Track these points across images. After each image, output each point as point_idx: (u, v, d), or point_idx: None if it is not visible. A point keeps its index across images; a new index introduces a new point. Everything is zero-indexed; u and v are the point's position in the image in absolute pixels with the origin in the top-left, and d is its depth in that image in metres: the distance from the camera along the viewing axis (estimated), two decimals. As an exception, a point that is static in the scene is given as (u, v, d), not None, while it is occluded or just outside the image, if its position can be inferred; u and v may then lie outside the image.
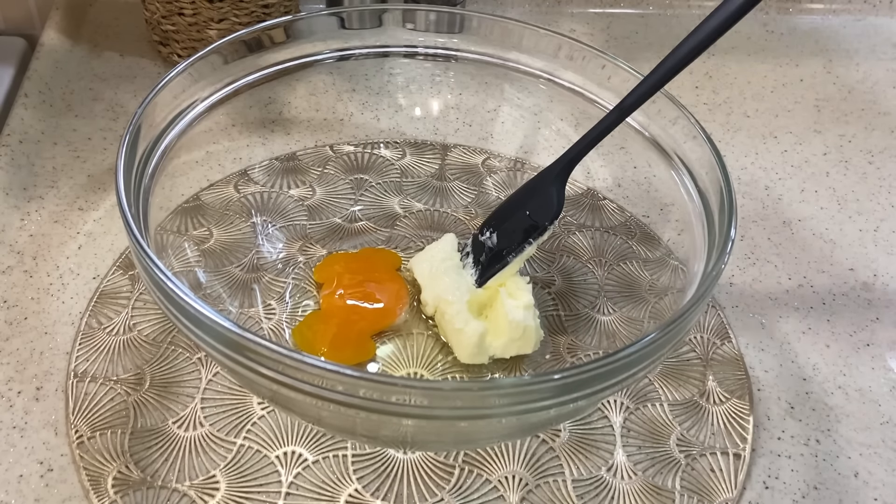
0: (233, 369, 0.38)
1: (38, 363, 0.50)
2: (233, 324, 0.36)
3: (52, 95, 0.70)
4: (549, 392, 0.37)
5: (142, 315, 0.53)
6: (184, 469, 0.46)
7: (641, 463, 0.48)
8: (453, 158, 0.66)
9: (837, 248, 0.63)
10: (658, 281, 0.57)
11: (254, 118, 0.67)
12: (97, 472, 0.45)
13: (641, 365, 0.39)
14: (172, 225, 0.55)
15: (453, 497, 0.46)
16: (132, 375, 0.50)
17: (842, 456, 0.50)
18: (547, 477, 0.47)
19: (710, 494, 0.47)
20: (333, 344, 0.51)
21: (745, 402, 0.52)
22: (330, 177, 0.63)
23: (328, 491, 0.46)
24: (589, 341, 0.54)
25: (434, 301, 0.53)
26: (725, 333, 0.56)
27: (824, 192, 0.68)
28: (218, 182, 0.61)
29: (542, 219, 0.52)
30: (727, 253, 0.42)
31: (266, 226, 0.59)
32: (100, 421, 0.47)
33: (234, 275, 0.55)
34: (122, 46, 0.76)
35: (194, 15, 0.69)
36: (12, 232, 0.58)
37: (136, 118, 0.46)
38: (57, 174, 0.63)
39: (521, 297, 0.51)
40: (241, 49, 0.54)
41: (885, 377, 0.55)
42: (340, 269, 0.55)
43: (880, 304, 0.59)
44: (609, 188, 0.64)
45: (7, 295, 0.54)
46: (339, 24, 0.57)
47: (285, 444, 0.47)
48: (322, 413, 0.41)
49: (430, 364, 0.52)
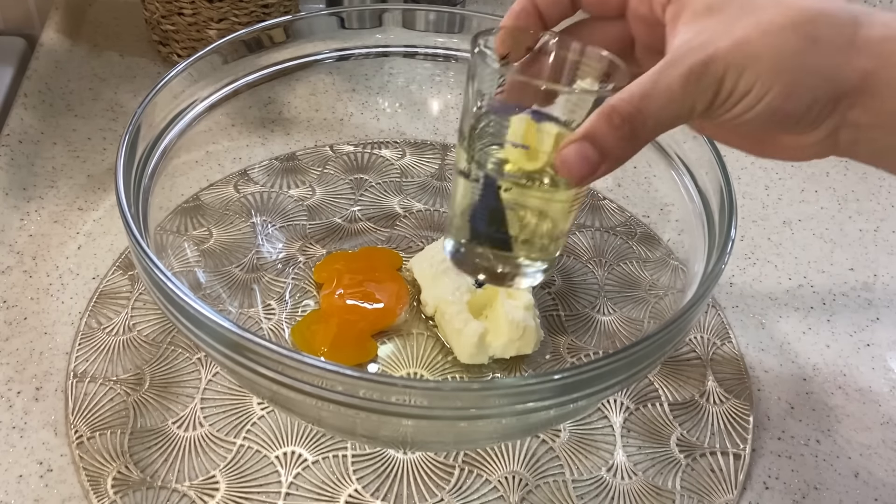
0: (233, 369, 0.38)
1: (38, 363, 0.50)
2: (233, 324, 0.36)
3: (52, 95, 0.70)
4: (549, 392, 0.37)
5: (141, 315, 0.53)
6: (184, 469, 0.46)
7: (641, 463, 0.48)
8: (453, 158, 0.66)
9: (837, 248, 0.63)
10: (658, 281, 0.57)
11: (253, 118, 0.67)
12: (97, 473, 0.45)
13: (641, 365, 0.39)
14: (172, 225, 0.55)
15: (453, 497, 0.46)
16: (132, 376, 0.50)
17: (842, 456, 0.50)
18: (547, 477, 0.47)
19: (711, 495, 0.47)
20: (334, 344, 0.51)
21: (745, 402, 0.52)
22: (330, 177, 0.63)
23: (328, 491, 0.46)
24: (589, 341, 0.54)
25: (434, 301, 0.53)
26: (725, 333, 0.56)
27: (824, 192, 0.68)
28: (218, 182, 0.61)
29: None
30: (727, 253, 0.42)
31: (266, 226, 0.59)
32: (99, 421, 0.47)
33: (233, 275, 0.55)
34: (121, 46, 0.76)
35: (194, 15, 0.69)
36: (12, 232, 0.58)
37: (136, 118, 0.46)
38: (56, 174, 0.63)
39: (520, 297, 0.51)
40: (240, 49, 0.54)
41: (885, 377, 0.54)
42: (340, 269, 0.55)
43: (880, 304, 0.59)
44: (609, 188, 0.64)
45: (7, 295, 0.54)
46: (338, 24, 0.57)
47: (285, 445, 0.47)
48: (322, 413, 0.41)
49: (430, 364, 0.52)
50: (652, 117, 0.31)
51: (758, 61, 0.30)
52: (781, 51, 0.30)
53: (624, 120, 0.32)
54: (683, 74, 0.31)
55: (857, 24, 0.31)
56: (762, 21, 0.30)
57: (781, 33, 0.30)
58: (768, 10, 0.31)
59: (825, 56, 0.30)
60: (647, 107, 0.31)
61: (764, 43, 0.30)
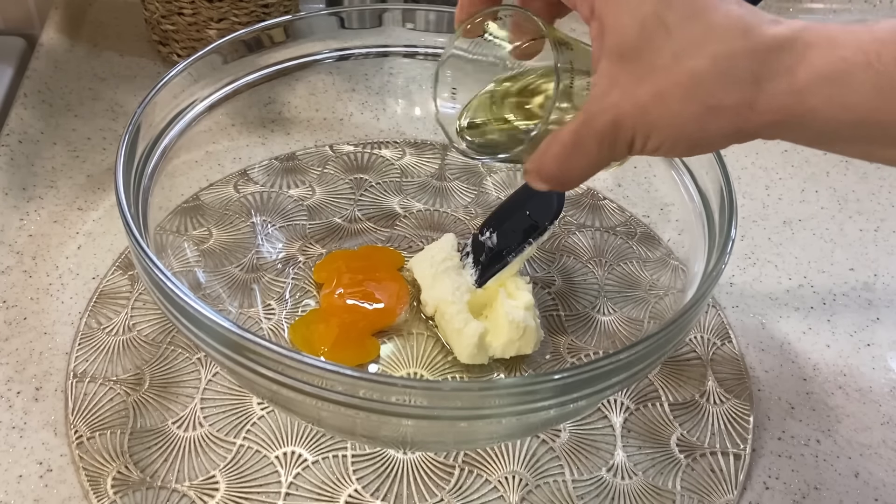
0: (233, 369, 0.38)
1: (38, 363, 0.50)
2: (233, 324, 0.36)
3: (52, 95, 0.70)
4: (549, 392, 0.37)
5: (141, 315, 0.53)
6: (183, 469, 0.46)
7: (642, 463, 0.48)
8: (453, 158, 0.66)
9: (837, 248, 0.63)
10: (658, 281, 0.57)
11: (253, 118, 0.67)
12: (97, 473, 0.45)
13: (641, 365, 0.39)
14: (172, 225, 0.55)
15: (453, 497, 0.46)
16: (132, 376, 0.50)
17: (842, 456, 0.50)
18: (547, 477, 0.47)
19: (711, 495, 0.47)
20: (335, 344, 0.51)
21: (745, 402, 0.52)
22: (330, 177, 0.63)
23: (328, 491, 0.46)
24: (589, 341, 0.54)
25: (434, 301, 0.53)
26: (725, 333, 0.56)
27: (824, 192, 0.68)
28: (217, 182, 0.61)
29: (542, 219, 0.52)
30: (727, 253, 0.42)
31: (266, 226, 0.59)
32: (99, 421, 0.47)
33: (233, 275, 0.55)
34: (121, 46, 0.76)
35: (194, 14, 0.69)
36: (11, 232, 0.58)
37: (136, 118, 0.46)
38: (56, 174, 0.63)
39: (520, 297, 0.51)
40: (240, 49, 0.54)
41: (886, 377, 0.54)
42: (340, 269, 0.55)
43: (880, 304, 0.59)
44: (609, 188, 0.64)
45: (7, 295, 0.54)
46: (338, 23, 0.57)
47: (285, 445, 0.47)
48: (322, 413, 0.41)
49: (430, 364, 0.52)
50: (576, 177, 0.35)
51: (659, 129, 0.32)
52: (679, 120, 0.32)
53: (550, 179, 0.36)
54: (597, 139, 0.33)
55: (758, 81, 0.31)
56: (660, 88, 0.31)
57: (677, 103, 0.31)
58: (668, 73, 0.31)
59: (724, 119, 0.32)
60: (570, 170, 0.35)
61: (662, 113, 0.32)
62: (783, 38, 0.31)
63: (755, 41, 0.31)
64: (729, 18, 0.31)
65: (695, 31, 0.31)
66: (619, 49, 0.32)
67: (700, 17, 0.31)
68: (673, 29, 0.31)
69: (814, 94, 0.30)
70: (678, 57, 0.31)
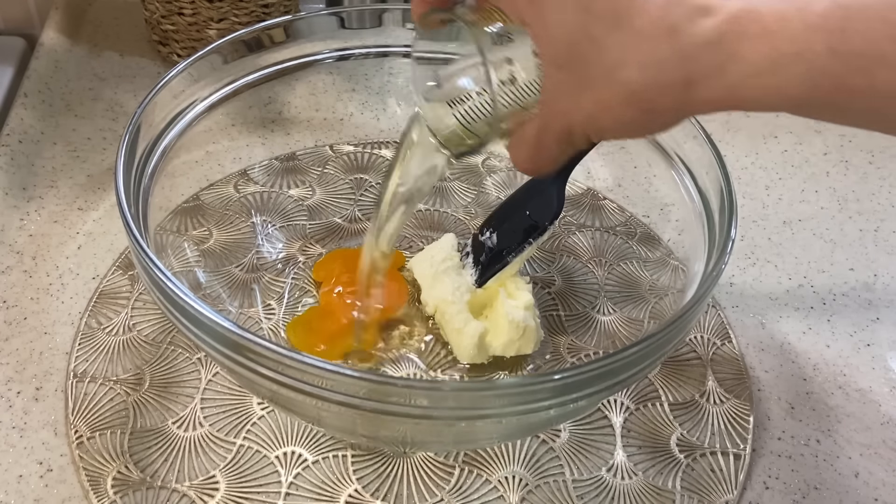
0: (233, 369, 0.38)
1: (38, 363, 0.50)
2: (232, 324, 0.36)
3: (52, 95, 0.70)
4: (549, 392, 0.37)
5: (141, 315, 0.53)
6: (183, 469, 0.46)
7: (641, 463, 0.48)
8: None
9: (837, 248, 0.63)
10: (658, 281, 0.57)
11: (253, 118, 0.67)
12: (97, 473, 0.45)
13: (641, 365, 0.39)
14: (172, 225, 0.55)
15: (453, 497, 0.46)
16: (132, 376, 0.50)
17: (842, 456, 0.50)
18: (547, 477, 0.47)
19: (711, 495, 0.47)
20: (333, 342, 0.51)
21: (745, 402, 0.52)
22: (330, 177, 0.63)
23: (328, 491, 0.46)
24: (589, 341, 0.54)
25: (434, 301, 0.53)
26: (725, 333, 0.56)
27: (824, 192, 0.68)
28: (218, 182, 0.61)
29: (542, 219, 0.51)
30: (727, 253, 0.42)
31: (266, 226, 0.59)
32: (99, 421, 0.47)
33: (233, 275, 0.55)
34: (121, 46, 0.76)
35: (194, 14, 0.69)
36: (12, 232, 0.58)
37: (136, 118, 0.46)
38: (56, 174, 0.63)
39: (521, 297, 0.51)
40: (240, 49, 0.54)
41: (886, 377, 0.54)
42: (340, 268, 0.55)
43: (880, 304, 0.59)
44: (609, 188, 0.64)
45: (7, 295, 0.54)
46: (338, 23, 0.57)
47: (285, 445, 0.47)
48: (322, 413, 0.41)
49: (430, 364, 0.52)
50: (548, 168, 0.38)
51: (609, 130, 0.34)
52: (625, 122, 0.33)
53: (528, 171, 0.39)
54: (556, 141, 0.35)
55: (689, 84, 0.31)
56: (600, 97, 0.33)
57: (619, 109, 0.33)
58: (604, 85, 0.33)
59: (666, 116, 0.33)
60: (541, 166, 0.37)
61: (607, 118, 0.33)
62: (711, 33, 0.30)
63: (682, 42, 0.31)
64: (653, 21, 0.31)
65: (622, 41, 0.31)
66: (555, 61, 0.33)
67: (624, 25, 0.31)
68: (600, 40, 0.32)
69: (748, 87, 0.31)
70: (610, 70, 0.32)
